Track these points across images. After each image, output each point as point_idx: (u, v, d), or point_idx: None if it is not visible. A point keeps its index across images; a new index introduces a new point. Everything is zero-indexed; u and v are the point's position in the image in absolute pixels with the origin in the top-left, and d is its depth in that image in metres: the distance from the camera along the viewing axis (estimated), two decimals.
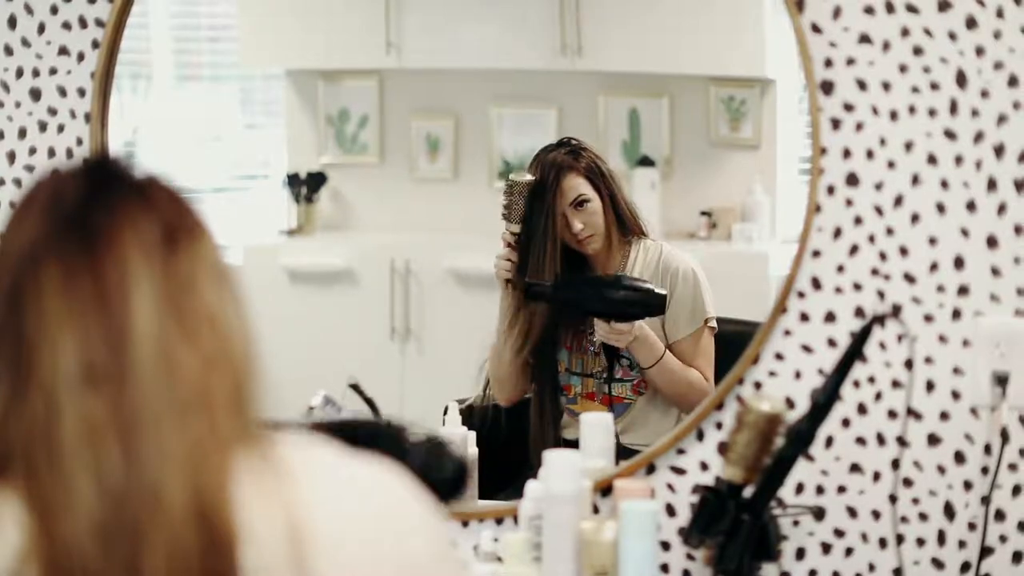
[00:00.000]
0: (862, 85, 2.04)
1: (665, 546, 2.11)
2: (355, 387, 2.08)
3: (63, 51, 2.27)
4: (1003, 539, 2.05)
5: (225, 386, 1.03)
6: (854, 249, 2.06)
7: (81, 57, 2.27)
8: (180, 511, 0.98)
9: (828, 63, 2.05)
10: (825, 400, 1.76)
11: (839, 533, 2.09)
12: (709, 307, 2.43)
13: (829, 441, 2.07)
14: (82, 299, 1.02)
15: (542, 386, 2.49)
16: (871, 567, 2.08)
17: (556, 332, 2.48)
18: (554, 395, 2.49)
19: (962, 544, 2.06)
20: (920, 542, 2.07)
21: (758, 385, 2.09)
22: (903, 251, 2.05)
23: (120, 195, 1.06)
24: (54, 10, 2.27)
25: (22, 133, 2.30)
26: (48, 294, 1.02)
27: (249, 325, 1.08)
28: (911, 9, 2.02)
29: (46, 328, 1.01)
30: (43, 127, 2.29)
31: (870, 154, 2.05)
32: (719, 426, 2.11)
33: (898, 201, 2.05)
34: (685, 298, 2.43)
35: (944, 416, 2.06)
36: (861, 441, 2.08)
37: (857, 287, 2.07)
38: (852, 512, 2.08)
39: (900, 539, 2.04)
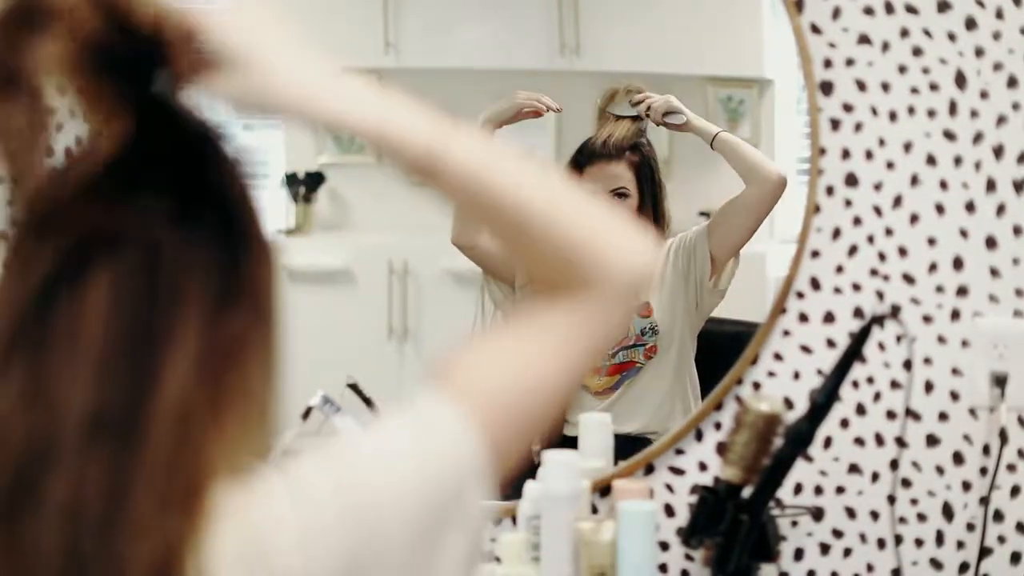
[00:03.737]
0: (861, 86, 2.04)
1: (664, 546, 2.11)
2: (353, 387, 2.08)
3: None
4: (1002, 540, 2.05)
5: (234, 466, 0.93)
6: (853, 250, 2.06)
7: None
8: None
9: (827, 63, 2.05)
10: (824, 401, 1.75)
11: (837, 534, 2.09)
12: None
13: (828, 442, 2.07)
14: (122, 327, 0.91)
15: None
16: (869, 568, 2.08)
17: None
18: None
19: (961, 545, 2.06)
20: (919, 543, 2.07)
21: (757, 385, 2.09)
22: (902, 252, 2.05)
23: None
24: None
25: None
26: (91, 304, 0.91)
27: (277, 402, 0.97)
28: (910, 10, 2.02)
29: (74, 349, 0.91)
30: None
31: (869, 155, 2.05)
32: (718, 426, 2.10)
33: (897, 202, 2.05)
34: (699, 234, 2.37)
35: (943, 417, 2.06)
36: (860, 442, 2.07)
37: (856, 288, 2.06)
38: (851, 513, 2.08)
39: (899, 540, 2.04)
